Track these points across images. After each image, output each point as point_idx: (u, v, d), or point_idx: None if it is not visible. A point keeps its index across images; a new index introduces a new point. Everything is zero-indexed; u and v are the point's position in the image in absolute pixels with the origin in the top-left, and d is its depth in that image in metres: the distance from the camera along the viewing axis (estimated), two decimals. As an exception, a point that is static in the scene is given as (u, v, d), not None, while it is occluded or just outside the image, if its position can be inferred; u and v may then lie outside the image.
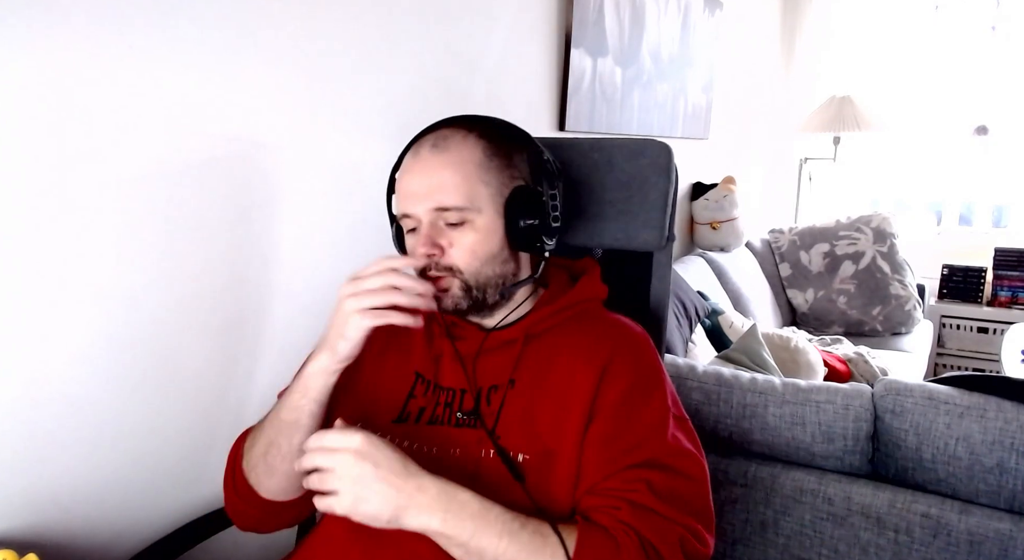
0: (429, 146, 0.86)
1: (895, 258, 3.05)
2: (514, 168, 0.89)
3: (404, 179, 0.87)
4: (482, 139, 0.87)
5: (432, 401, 0.88)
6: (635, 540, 0.73)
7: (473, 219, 0.85)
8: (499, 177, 0.87)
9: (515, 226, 0.86)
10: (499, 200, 0.86)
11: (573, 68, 1.94)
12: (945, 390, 1.31)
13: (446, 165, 0.84)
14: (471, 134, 0.87)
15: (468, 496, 0.74)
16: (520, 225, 0.86)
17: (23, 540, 0.88)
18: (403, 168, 0.89)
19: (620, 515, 0.75)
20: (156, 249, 0.99)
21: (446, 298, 0.86)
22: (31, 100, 0.83)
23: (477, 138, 0.87)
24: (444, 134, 0.87)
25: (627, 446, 0.80)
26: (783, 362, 2.09)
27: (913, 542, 1.28)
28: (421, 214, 0.85)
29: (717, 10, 2.91)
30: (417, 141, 0.89)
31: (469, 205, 0.84)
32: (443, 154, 0.85)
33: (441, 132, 0.88)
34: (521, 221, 0.86)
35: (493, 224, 0.86)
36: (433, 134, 0.88)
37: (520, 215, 0.86)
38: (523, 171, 0.90)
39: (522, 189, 0.88)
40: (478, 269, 0.86)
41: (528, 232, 0.87)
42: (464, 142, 0.86)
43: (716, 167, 3.12)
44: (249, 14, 1.07)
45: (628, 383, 0.83)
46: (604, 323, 0.91)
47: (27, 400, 0.88)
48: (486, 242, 0.86)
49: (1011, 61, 3.54)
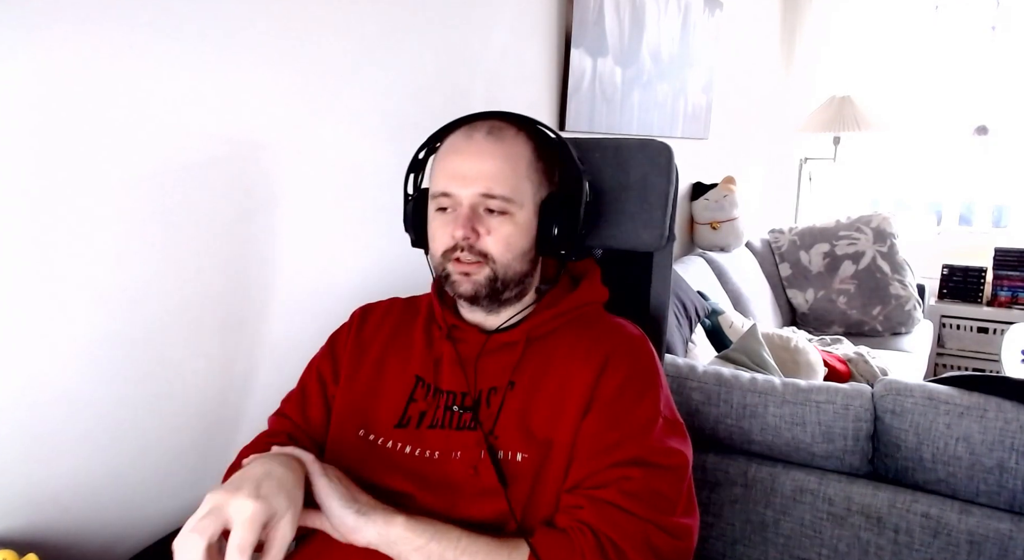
0: (485, 132, 0.86)
1: (895, 258, 3.05)
2: (554, 174, 0.91)
3: (453, 159, 0.86)
4: (531, 140, 0.89)
5: (433, 404, 0.88)
6: (590, 537, 0.74)
7: (514, 213, 0.86)
8: (541, 179, 0.89)
9: (548, 230, 0.88)
10: (537, 201, 0.88)
11: (573, 68, 1.94)
12: (945, 390, 1.31)
13: (501, 154, 0.85)
14: (522, 132, 0.88)
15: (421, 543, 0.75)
16: (552, 230, 0.88)
17: (23, 540, 0.88)
18: (453, 148, 0.87)
19: (580, 514, 0.77)
20: (156, 249, 0.99)
21: (466, 282, 0.86)
22: (31, 100, 0.83)
23: (527, 137, 0.88)
24: (498, 125, 0.88)
25: (611, 443, 0.80)
26: (783, 362, 2.09)
27: (913, 542, 1.28)
28: (465, 196, 0.84)
29: (717, 10, 2.91)
30: (466, 125, 0.89)
31: (515, 198, 0.85)
32: (499, 143, 0.86)
33: (493, 122, 0.88)
34: (554, 226, 0.88)
35: (530, 222, 0.88)
36: (486, 122, 0.88)
37: (554, 220, 0.88)
38: (558, 179, 0.92)
39: (559, 196, 0.90)
40: (508, 262, 0.86)
41: (557, 238, 0.88)
42: (517, 138, 0.87)
43: (716, 167, 3.12)
44: (249, 14, 1.07)
45: (622, 381, 0.84)
46: (603, 326, 0.92)
47: (27, 400, 0.88)
48: (521, 237, 0.87)
49: (1011, 61, 3.54)
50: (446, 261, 0.87)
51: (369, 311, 1.01)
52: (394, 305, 1.01)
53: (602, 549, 0.74)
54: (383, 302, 1.03)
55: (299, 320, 1.23)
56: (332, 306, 1.24)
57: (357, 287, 1.33)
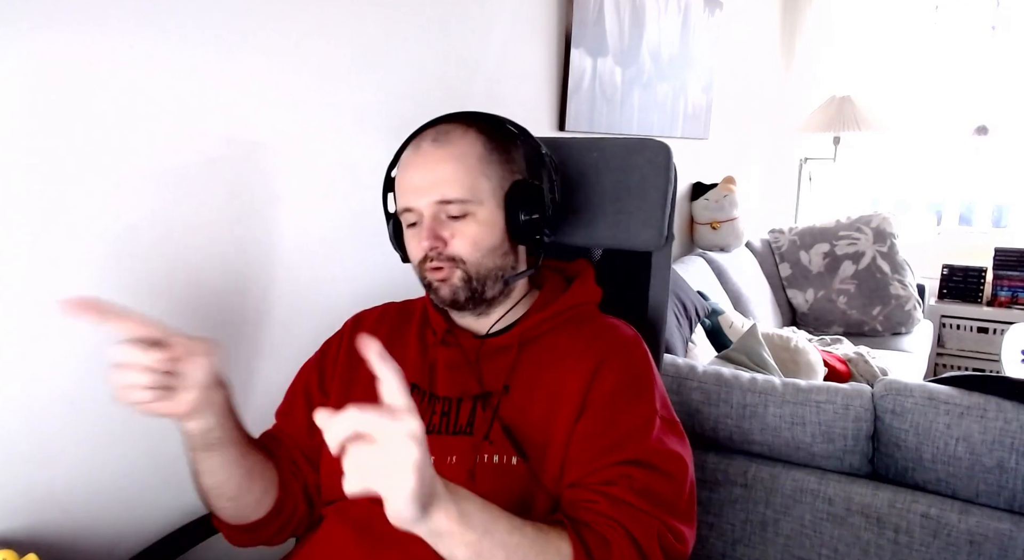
0: (430, 140, 0.87)
1: (895, 258, 3.05)
2: (513, 163, 0.90)
3: (405, 173, 0.88)
4: (482, 134, 0.88)
5: (428, 411, 0.88)
6: (621, 532, 0.74)
7: (475, 211, 0.86)
8: (499, 171, 0.88)
9: (516, 219, 0.88)
10: (499, 193, 0.87)
11: (573, 68, 1.94)
12: (945, 390, 1.31)
13: (448, 158, 0.85)
14: (471, 129, 0.88)
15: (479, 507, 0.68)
16: (521, 218, 0.87)
17: (23, 540, 0.88)
18: (403, 163, 0.89)
19: (600, 508, 0.75)
20: (156, 249, 0.99)
21: (444, 287, 0.87)
22: (31, 100, 0.83)
23: (477, 133, 0.88)
24: (444, 129, 0.88)
25: (610, 443, 0.80)
26: (783, 362, 2.09)
27: (913, 542, 1.28)
28: (423, 207, 0.85)
29: (717, 10, 2.91)
30: (416, 137, 0.90)
31: (471, 197, 0.85)
32: (444, 147, 0.86)
33: (440, 127, 0.88)
34: (522, 214, 0.87)
35: (494, 217, 0.87)
36: (433, 129, 0.89)
37: (520, 208, 0.87)
38: (521, 165, 0.92)
39: (522, 183, 0.89)
40: (479, 260, 0.86)
41: (528, 225, 0.88)
42: (464, 136, 0.87)
43: (716, 167, 3.11)
44: (249, 14, 1.07)
45: (616, 382, 0.84)
46: (597, 326, 0.92)
47: (27, 400, 0.88)
48: (488, 234, 0.87)
49: (1011, 61, 3.53)
50: (424, 270, 0.88)
51: (361, 319, 1.01)
52: (387, 311, 1.01)
53: (635, 544, 0.73)
54: (376, 308, 1.02)
55: (299, 320, 1.23)
56: (332, 305, 1.24)
57: (357, 286, 1.33)
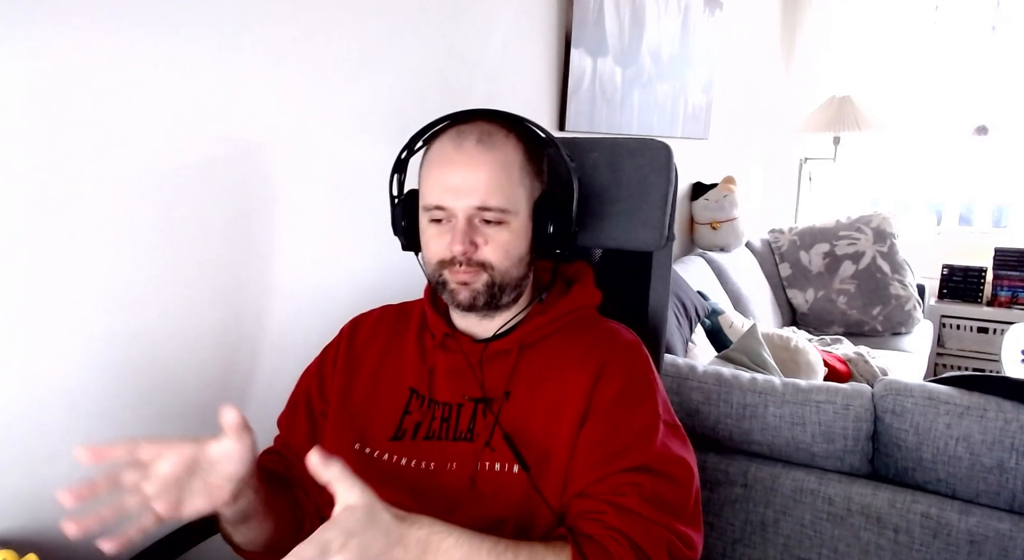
0: (475, 140, 0.82)
1: (895, 258, 3.05)
2: (543, 173, 0.89)
3: (444, 170, 0.83)
4: (521, 141, 0.86)
5: (428, 416, 0.88)
6: (626, 545, 0.73)
7: (510, 221, 0.84)
8: (532, 181, 0.86)
9: (543, 232, 0.86)
10: (530, 204, 0.86)
11: (573, 68, 1.94)
12: (945, 390, 1.31)
13: (492, 163, 0.82)
14: (512, 134, 0.85)
15: (453, 541, 0.69)
16: (547, 231, 0.86)
17: (23, 540, 0.88)
18: (443, 157, 0.84)
19: (607, 520, 0.75)
20: (156, 249, 0.99)
21: (464, 291, 0.84)
22: (31, 100, 0.83)
23: (517, 139, 0.85)
24: (487, 130, 0.84)
25: (616, 451, 0.79)
26: (783, 362, 2.09)
27: (913, 542, 1.28)
28: (460, 209, 0.82)
29: (717, 10, 2.91)
30: (452, 129, 0.85)
31: (510, 207, 0.83)
32: (490, 151, 0.82)
33: (482, 126, 0.84)
34: (549, 227, 0.86)
35: (525, 227, 0.86)
36: (474, 127, 0.84)
37: (548, 221, 0.86)
38: (547, 177, 0.90)
39: (551, 196, 0.88)
40: (507, 268, 0.85)
41: (552, 239, 0.87)
42: (507, 141, 0.84)
43: (716, 167, 3.11)
44: (249, 14, 1.07)
45: (619, 388, 0.83)
46: (597, 331, 0.91)
47: (27, 400, 0.88)
48: (518, 243, 0.85)
49: (1011, 61, 3.53)
50: (442, 269, 0.85)
51: (359, 324, 0.99)
52: (385, 314, 0.99)
53: (642, 557, 0.73)
54: (373, 312, 1.01)
55: (299, 320, 1.23)
56: (332, 305, 1.24)
57: (357, 286, 1.33)
